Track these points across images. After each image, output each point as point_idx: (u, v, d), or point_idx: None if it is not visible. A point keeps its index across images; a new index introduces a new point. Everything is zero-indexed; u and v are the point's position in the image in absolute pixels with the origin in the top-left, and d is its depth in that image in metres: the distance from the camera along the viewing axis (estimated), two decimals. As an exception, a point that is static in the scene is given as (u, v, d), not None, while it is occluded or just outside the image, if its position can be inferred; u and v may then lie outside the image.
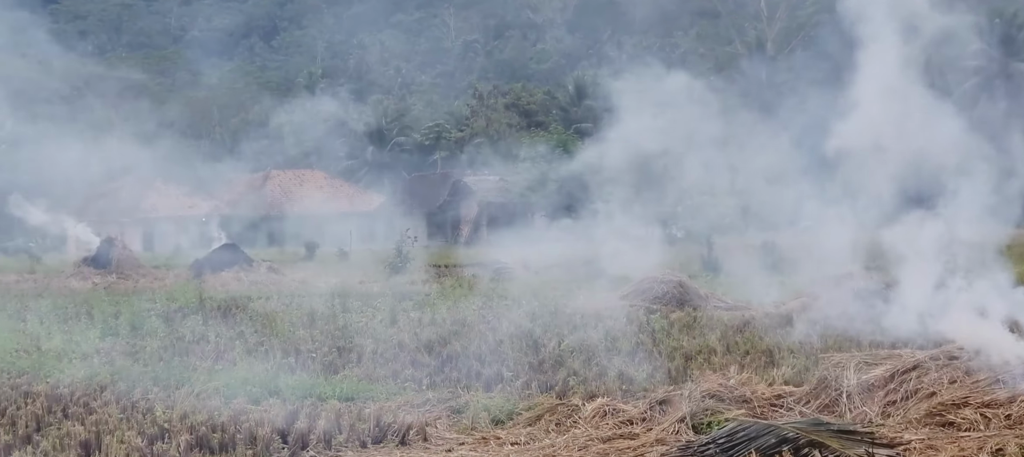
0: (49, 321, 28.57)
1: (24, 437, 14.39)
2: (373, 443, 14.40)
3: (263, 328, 26.01)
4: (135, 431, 14.45)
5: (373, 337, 23.83)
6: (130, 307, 31.37)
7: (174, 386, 17.78)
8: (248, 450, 13.56)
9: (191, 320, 27.80)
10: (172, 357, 21.35)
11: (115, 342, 24.10)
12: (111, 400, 16.87)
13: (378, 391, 17.46)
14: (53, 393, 17.34)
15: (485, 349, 21.77)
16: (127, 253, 54.91)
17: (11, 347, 23.20)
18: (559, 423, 15.07)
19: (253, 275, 46.12)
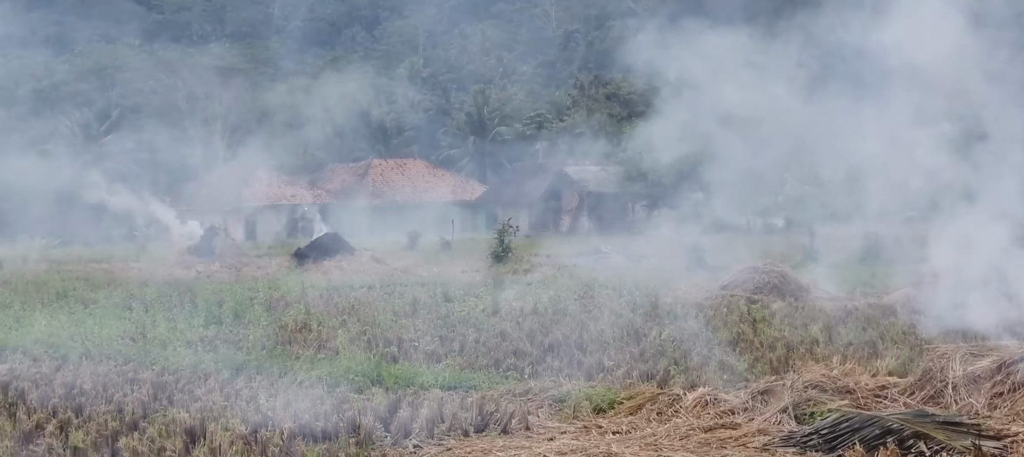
0: (154, 309, 28.88)
1: (130, 423, 14.56)
2: (475, 432, 14.44)
3: (365, 317, 26.14)
4: (238, 419, 14.58)
5: (475, 326, 23.90)
6: (233, 295, 31.64)
7: (277, 374, 17.93)
8: (351, 439, 13.64)
9: (294, 308, 28.00)
10: (275, 345, 21.51)
11: (219, 330, 24.32)
12: (215, 388, 17.03)
13: (480, 380, 17.51)
14: (158, 380, 17.53)
15: (586, 338, 21.77)
16: (230, 242, 55.38)
17: (117, 334, 23.49)
18: (660, 412, 15.06)
19: (355, 264, 46.32)
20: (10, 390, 16.95)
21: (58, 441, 13.47)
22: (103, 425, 14.19)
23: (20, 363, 20.19)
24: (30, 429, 14.13)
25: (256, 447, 13.11)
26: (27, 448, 13.29)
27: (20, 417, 14.90)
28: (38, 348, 21.56)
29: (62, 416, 14.90)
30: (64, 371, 18.84)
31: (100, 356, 20.30)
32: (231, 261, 50.93)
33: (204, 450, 12.79)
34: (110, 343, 22.02)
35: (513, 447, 13.63)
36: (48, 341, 22.30)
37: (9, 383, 17.47)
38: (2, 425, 14.34)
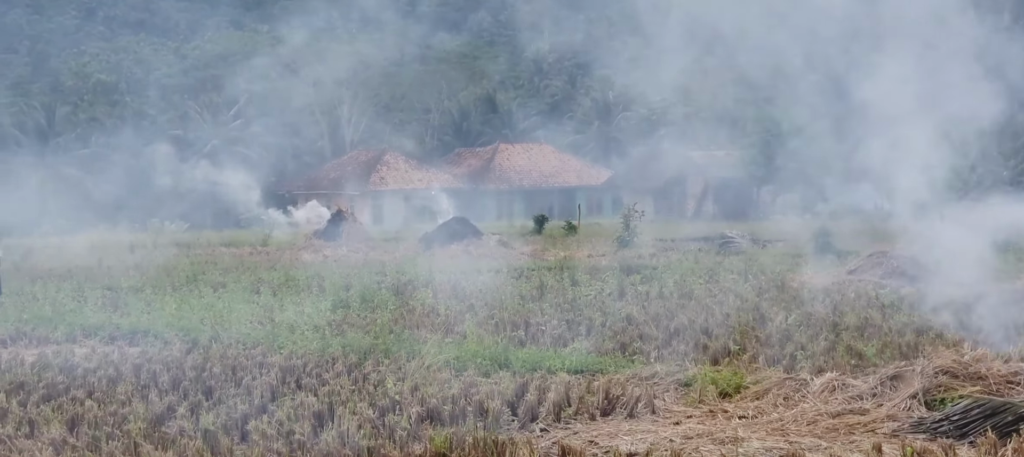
0: (282, 293, 29.16)
1: (260, 407, 14.71)
2: (602, 415, 14.45)
3: (492, 301, 26.22)
4: (366, 403, 14.68)
5: (601, 310, 23.89)
6: (361, 280, 31.85)
7: (405, 358, 18.03)
8: (478, 422, 13.69)
9: (421, 293, 28.13)
10: (403, 330, 21.63)
11: (346, 314, 24.50)
12: (343, 372, 17.16)
13: (606, 364, 17.50)
14: (287, 364, 17.69)
15: (712, 323, 21.70)
16: (357, 226, 55.74)
17: (246, 318, 23.74)
18: (787, 397, 14.97)
19: (482, 248, 46.44)
20: (142, 373, 17.19)
21: (189, 423, 13.64)
22: (233, 408, 14.36)
23: (151, 346, 20.50)
24: (162, 411, 14.33)
25: (384, 431, 13.20)
26: (159, 430, 13.47)
27: (152, 399, 15.11)
28: (169, 332, 21.85)
29: (193, 399, 15.09)
30: (194, 354, 19.09)
31: (229, 340, 20.53)
32: (358, 245, 51.29)
33: (332, 434, 12.88)
34: (239, 327, 22.27)
35: (639, 431, 13.62)
36: (178, 325, 22.59)
37: (141, 366, 17.73)
38: (135, 407, 14.56)
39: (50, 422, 13.73)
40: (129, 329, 22.57)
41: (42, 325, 23.44)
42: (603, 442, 13.11)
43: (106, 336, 22.21)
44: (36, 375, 17.26)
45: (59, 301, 28.33)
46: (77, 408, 14.50)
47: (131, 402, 14.96)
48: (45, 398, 15.48)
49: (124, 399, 15.17)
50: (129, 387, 16.03)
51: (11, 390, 16.01)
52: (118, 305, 27.71)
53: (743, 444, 12.75)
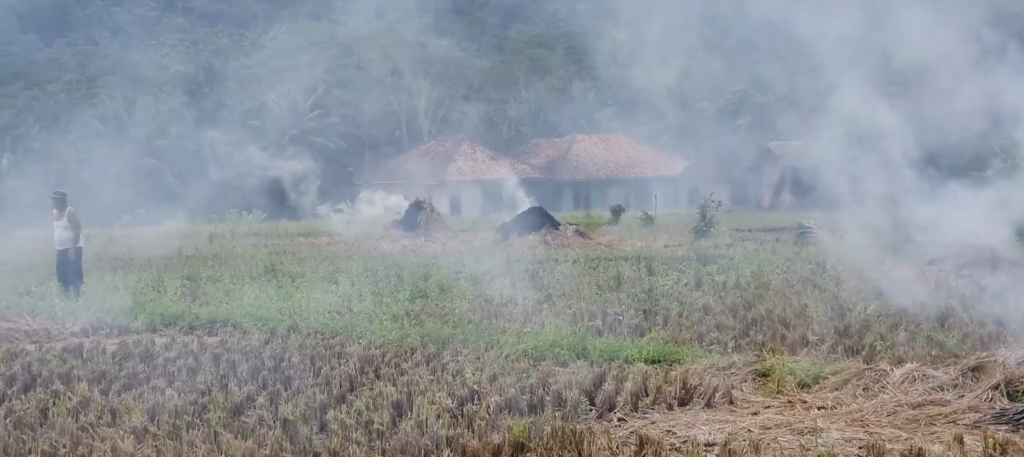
0: (360, 283, 29.26)
1: (338, 396, 14.77)
2: (679, 405, 14.42)
3: (570, 291, 26.22)
4: (445, 392, 14.71)
5: (678, 300, 23.85)
6: (438, 270, 31.92)
7: (483, 348, 18.06)
8: (556, 412, 13.70)
9: (499, 283, 28.16)
10: (481, 320, 21.66)
11: (424, 304, 24.57)
12: (421, 361, 17.21)
13: (684, 354, 17.46)
14: (365, 354, 17.76)
15: (789, 312, 21.62)
16: (435, 216, 55.85)
17: (324, 308, 23.85)
18: (866, 388, 14.88)
19: (559, 238, 46.44)
20: (221, 362, 17.32)
21: (268, 413, 13.72)
22: (311, 398, 14.42)
23: (230, 336, 20.64)
24: (241, 401, 14.41)
25: (462, 420, 13.23)
26: (238, 419, 13.55)
27: (231, 389, 15.21)
28: (247, 321, 22.00)
29: (271, 388, 15.18)
30: (273, 344, 19.21)
31: (307, 329, 20.64)
32: (436, 235, 51.41)
33: (411, 423, 12.92)
34: (317, 317, 22.37)
35: (717, 421, 13.59)
36: (257, 314, 22.73)
37: (220, 355, 17.86)
38: (215, 396, 14.66)
39: (131, 411, 13.85)
40: (208, 319, 22.74)
41: (123, 315, 23.64)
42: (680, 432, 13.09)
43: (185, 326, 22.39)
44: (117, 364, 17.43)
45: (139, 291, 28.58)
46: (158, 397, 14.63)
47: (211, 391, 15.07)
48: (126, 387, 15.63)
49: (204, 388, 15.28)
50: (209, 377, 16.15)
51: (93, 379, 16.17)
52: (197, 295, 27.93)
53: (822, 435, 12.69)
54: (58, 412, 13.86)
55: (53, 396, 15.00)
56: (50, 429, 13.10)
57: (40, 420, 13.67)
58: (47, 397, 14.93)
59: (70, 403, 14.41)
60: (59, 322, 23.47)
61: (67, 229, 28.69)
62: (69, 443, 12.30)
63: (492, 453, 11.69)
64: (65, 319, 23.74)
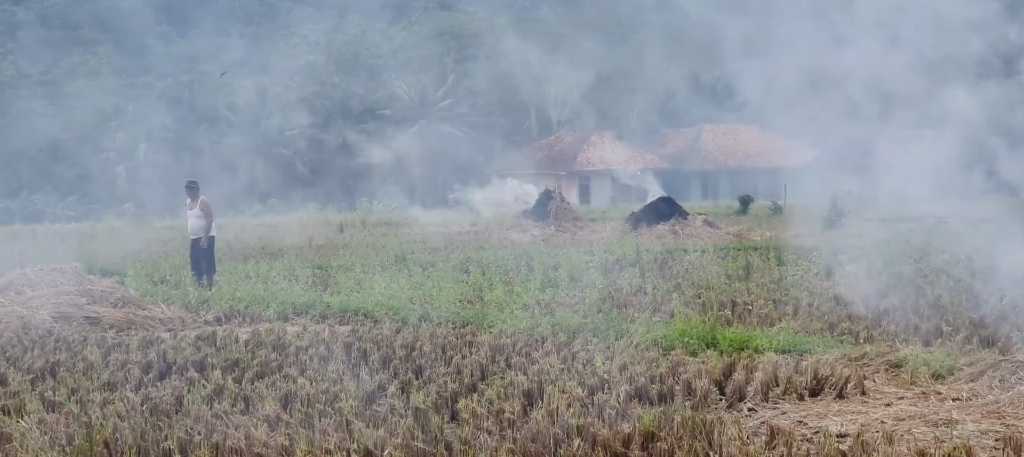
0: (491, 272, 29.35)
1: (469, 386, 14.82)
2: (810, 396, 14.31)
3: (699, 280, 26.13)
4: (575, 381, 14.71)
5: (808, 290, 23.69)
6: (568, 259, 31.93)
7: (613, 337, 18.05)
8: (686, 401, 13.65)
9: (628, 272, 28.12)
10: (610, 309, 21.64)
11: (555, 293, 24.59)
12: (552, 351, 17.22)
13: (814, 344, 17.34)
14: (496, 343, 17.82)
15: (923, 303, 21.39)
16: (564, 206, 55.88)
17: (455, 297, 23.95)
18: (1003, 379, 14.67)
19: (688, 228, 46.29)
20: (353, 351, 17.44)
21: (400, 401, 13.79)
22: (443, 387, 14.49)
23: (362, 324, 20.80)
24: (373, 389, 14.50)
25: (593, 409, 13.22)
26: (370, 408, 13.64)
27: (363, 377, 15.31)
28: (379, 310, 22.15)
29: (403, 377, 15.26)
30: (404, 333, 19.32)
31: (438, 319, 20.74)
32: (566, 225, 51.45)
33: (541, 412, 12.93)
34: (448, 306, 22.46)
35: (849, 412, 13.48)
36: (388, 303, 22.86)
37: (352, 344, 17.98)
38: (346, 385, 14.77)
39: (264, 399, 13.99)
40: (339, 308, 22.91)
41: (255, 304, 23.91)
42: (812, 423, 13.00)
43: (317, 315, 22.59)
44: (250, 353, 17.62)
45: (271, 280, 28.87)
46: (290, 385, 14.76)
47: (342, 380, 15.18)
48: (259, 375, 15.79)
49: (335, 377, 15.40)
50: (340, 365, 16.27)
51: (226, 367, 16.37)
52: (328, 284, 28.17)
53: (957, 427, 12.54)
54: (193, 399, 14.04)
55: (188, 384, 15.20)
56: (185, 416, 13.27)
57: (175, 407, 13.85)
58: (182, 385, 15.13)
59: (204, 391, 14.59)
60: (193, 310, 23.80)
61: (200, 218, 29.08)
62: (203, 430, 12.45)
63: (622, 442, 11.67)
64: (199, 307, 24.07)
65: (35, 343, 19.30)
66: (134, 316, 22.30)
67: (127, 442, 12.08)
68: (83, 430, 12.35)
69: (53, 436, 12.46)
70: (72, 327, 21.43)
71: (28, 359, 17.52)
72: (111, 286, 24.27)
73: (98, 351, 18.13)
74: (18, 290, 23.96)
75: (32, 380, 15.90)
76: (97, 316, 22.11)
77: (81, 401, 14.24)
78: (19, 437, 12.34)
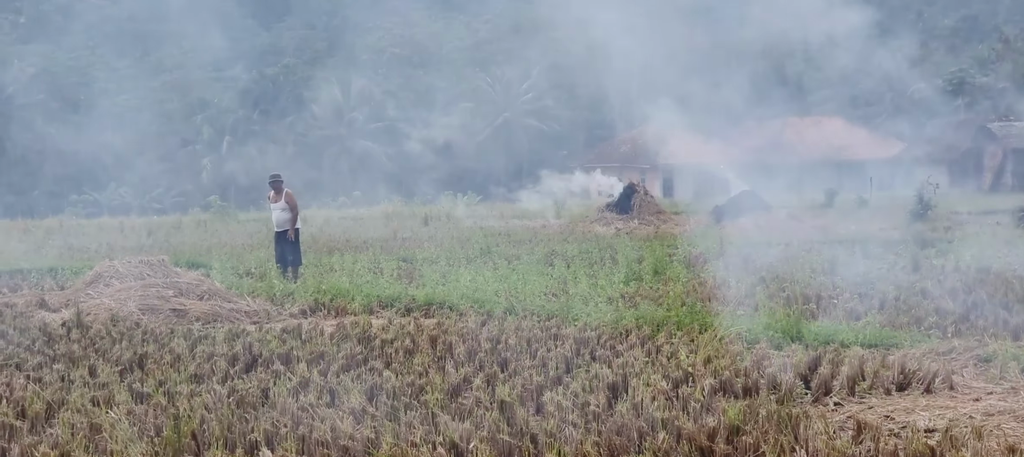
0: (575, 265, 29.35)
1: (554, 378, 14.83)
2: (897, 391, 14.23)
3: (783, 274, 26.02)
4: (660, 374, 14.70)
5: (895, 284, 23.51)
6: (652, 252, 31.88)
7: (697, 330, 18.02)
8: (771, 395, 13.62)
9: (712, 265, 28.04)
10: (694, 302, 21.59)
11: (639, 287, 24.57)
12: (636, 343, 17.21)
13: (901, 338, 17.23)
14: (581, 336, 17.81)
15: (1012, 297, 21.18)
16: (648, 199, 55.84)
17: (539, 290, 23.95)
18: (1094, 374, 14.56)
19: (772, 221, 46.11)
20: (438, 344, 17.50)
21: (485, 394, 13.82)
22: (528, 379, 14.51)
23: (447, 317, 20.85)
24: (458, 382, 14.55)
25: (677, 403, 13.20)
26: (456, 401, 13.68)
27: (448, 370, 15.36)
28: (464, 303, 22.19)
29: (488, 370, 15.29)
30: (489, 326, 19.35)
31: (523, 312, 20.77)
32: (650, 218, 51.42)
33: (626, 405, 12.93)
34: (533, 299, 22.48)
35: (937, 406, 13.38)
36: (473, 296, 22.90)
37: (437, 337, 18.04)
38: (432, 378, 14.82)
39: (350, 392, 14.05)
40: (425, 300, 22.98)
41: (340, 296, 24.01)
42: (899, 417, 12.92)
43: (402, 307, 22.67)
44: (335, 345, 17.70)
45: (356, 272, 28.98)
46: (376, 378, 14.83)
47: (428, 373, 15.24)
48: (344, 368, 15.86)
49: (421, 370, 15.46)
50: (426, 358, 16.33)
51: (312, 360, 16.46)
52: (413, 277, 28.25)
53: (1047, 422, 12.44)
54: (279, 392, 14.12)
55: (274, 376, 15.30)
56: (271, 408, 13.37)
57: (261, 399, 13.95)
58: (268, 377, 15.23)
59: (290, 383, 14.68)
60: (278, 303, 23.94)
61: (285, 211, 29.25)
62: (290, 423, 12.53)
63: (707, 436, 11.65)
64: (284, 300, 24.21)
65: (123, 335, 19.48)
66: (220, 309, 22.48)
67: (214, 434, 12.19)
68: (171, 421, 12.46)
69: (142, 427, 12.58)
70: (159, 319, 21.65)
71: (116, 351, 17.69)
72: (197, 279, 24.46)
73: (185, 343, 18.29)
74: (106, 282, 24.22)
75: (121, 371, 16.06)
76: (184, 308, 22.31)
77: (169, 393, 14.37)
78: (109, 428, 12.46)
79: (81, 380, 15.33)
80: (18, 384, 14.98)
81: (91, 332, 19.91)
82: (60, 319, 21.64)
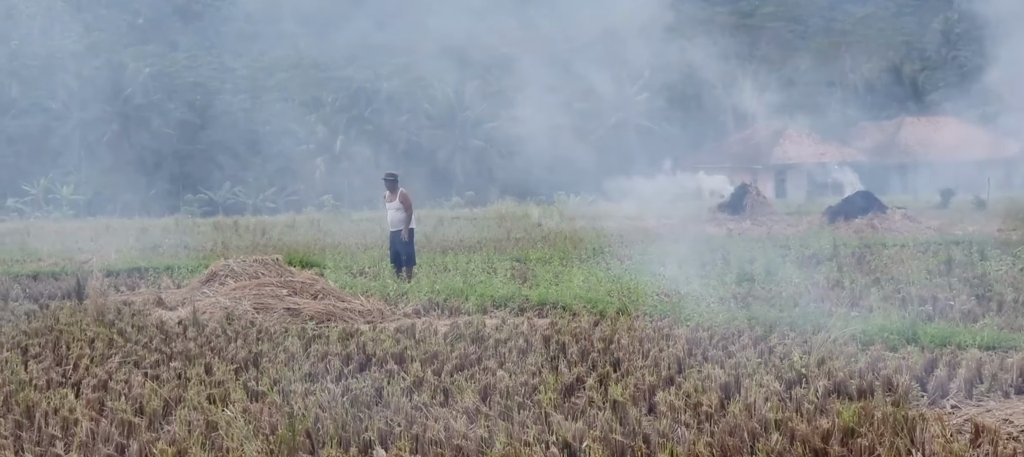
0: (687, 265, 29.27)
1: (667, 378, 14.81)
2: (1016, 394, 14.08)
3: (899, 275, 25.80)
4: (773, 375, 14.63)
5: (1014, 286, 23.26)
6: (764, 253, 31.75)
7: (811, 332, 17.91)
8: (887, 397, 13.51)
9: (826, 266, 27.86)
10: (807, 303, 21.47)
11: (751, 287, 24.47)
12: (748, 344, 17.14)
13: (1020, 341, 17.02)
14: (693, 336, 17.77)
15: None
16: (760, 199, 55.64)
17: (652, 290, 23.92)
18: None
19: (887, 222, 45.79)
20: (551, 344, 17.51)
21: (598, 394, 13.82)
22: (640, 379, 14.49)
23: (560, 317, 20.86)
24: (571, 382, 14.56)
25: (790, 404, 13.14)
26: (569, 400, 13.69)
27: (561, 370, 15.38)
28: (577, 303, 22.19)
29: (601, 370, 15.29)
30: (602, 326, 19.36)
31: (636, 312, 20.74)
32: (762, 219, 51.23)
33: (739, 405, 12.88)
34: (645, 299, 22.44)
35: (1057, 410, 13.24)
36: (586, 296, 22.89)
37: (551, 337, 18.05)
38: (545, 377, 14.84)
39: (464, 391, 14.10)
40: (538, 300, 23.00)
41: (454, 296, 24.09)
42: (1018, 421, 12.78)
43: (515, 308, 22.70)
44: (449, 345, 17.76)
45: (470, 272, 29.09)
46: (489, 378, 14.87)
47: (541, 373, 15.26)
48: (458, 368, 15.92)
49: (534, 370, 15.48)
50: (539, 358, 16.35)
51: (426, 359, 16.53)
52: (526, 277, 28.30)
53: None
54: (392, 391, 14.19)
55: (388, 376, 15.37)
56: (385, 408, 13.44)
57: (375, 399, 14.02)
58: (382, 376, 15.31)
59: (404, 383, 14.75)
60: (392, 303, 24.05)
61: (399, 210, 29.36)
62: (403, 422, 12.59)
63: (821, 438, 11.57)
64: (398, 300, 24.33)
65: (238, 333, 19.68)
66: (334, 308, 22.62)
67: (328, 432, 12.28)
68: (285, 420, 12.57)
69: (257, 425, 12.70)
70: (273, 318, 21.83)
71: (232, 349, 17.87)
72: (311, 278, 24.65)
73: (299, 342, 18.42)
74: (221, 281, 24.49)
75: (236, 370, 16.21)
76: (297, 308, 22.48)
77: (283, 391, 14.49)
78: (224, 426, 12.59)
79: (197, 378, 15.50)
80: (136, 381, 15.16)
81: (207, 330, 20.14)
82: (176, 317, 21.87)
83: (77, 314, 22.50)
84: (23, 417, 13.36)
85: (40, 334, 19.89)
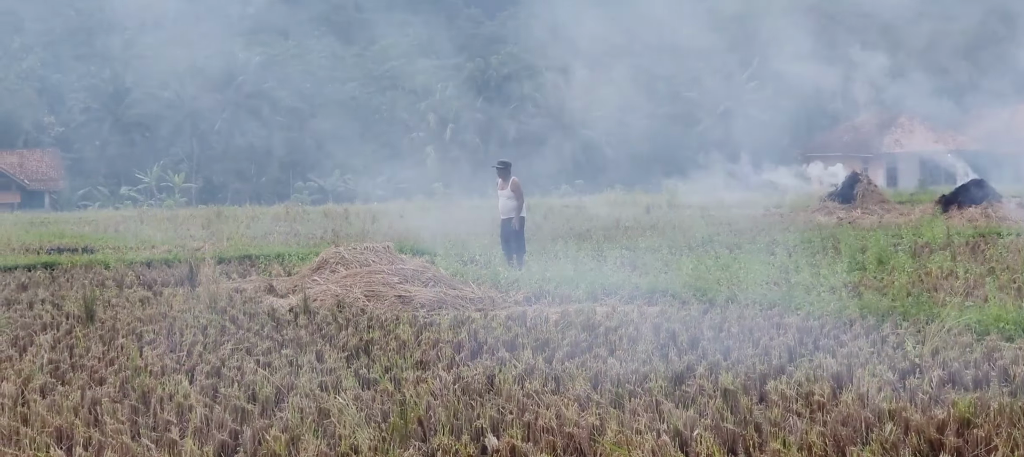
0: (797, 254, 29.11)
1: (777, 367, 14.68)
2: None
3: (1015, 264, 25.51)
4: (886, 365, 14.52)
5: None
6: (876, 242, 31.48)
7: (924, 321, 17.74)
8: (1003, 388, 13.36)
9: (939, 255, 27.60)
10: (920, 292, 21.27)
11: (862, 276, 24.29)
12: (860, 334, 17.02)
13: None
14: (803, 325, 17.67)
15: None
16: (871, 188, 55.13)
17: (761, 279, 23.80)
18: None
19: (1002, 211, 45.22)
20: (661, 332, 17.49)
21: (708, 382, 13.80)
22: (751, 368, 14.44)
23: (670, 305, 20.82)
24: (681, 370, 14.54)
25: (904, 394, 13.04)
26: (679, 389, 13.68)
27: (671, 358, 15.35)
28: (686, 292, 22.13)
29: (711, 358, 15.25)
30: (711, 314, 19.30)
31: (746, 300, 20.64)
32: (873, 208, 50.80)
33: (851, 395, 12.80)
34: (755, 288, 22.33)
35: None
36: (695, 285, 22.82)
37: (660, 325, 18.03)
38: (655, 365, 14.83)
39: (574, 379, 14.13)
40: (647, 289, 22.95)
41: (564, 284, 24.09)
42: None
43: (625, 295, 22.66)
44: (560, 333, 17.79)
45: (579, 260, 29.10)
46: (600, 365, 14.88)
47: (651, 361, 15.24)
48: (569, 355, 15.94)
49: (645, 357, 15.47)
50: (649, 346, 16.33)
51: (537, 347, 16.57)
52: (636, 265, 28.26)
53: None
54: (504, 379, 14.24)
55: (499, 363, 15.42)
56: (496, 395, 13.49)
57: (487, 386, 14.07)
58: (493, 364, 15.36)
59: (515, 370, 14.79)
60: (503, 290, 24.10)
61: (511, 199, 29.39)
62: (515, 409, 12.64)
63: (937, 428, 11.47)
64: (509, 287, 24.37)
65: (349, 321, 19.81)
66: (445, 295, 22.69)
67: (440, 420, 12.34)
68: (397, 407, 12.65)
69: (369, 413, 12.78)
70: (384, 306, 21.94)
71: (343, 337, 17.99)
72: (422, 265, 24.76)
73: (410, 330, 18.51)
74: (332, 269, 24.65)
75: (347, 357, 16.33)
76: (408, 295, 22.58)
77: (395, 379, 14.58)
78: (336, 413, 12.68)
79: (309, 365, 15.62)
80: (248, 368, 15.31)
81: (318, 318, 20.28)
82: (288, 304, 22.04)
83: (190, 301, 22.77)
84: (139, 402, 13.56)
85: (154, 321, 20.15)
